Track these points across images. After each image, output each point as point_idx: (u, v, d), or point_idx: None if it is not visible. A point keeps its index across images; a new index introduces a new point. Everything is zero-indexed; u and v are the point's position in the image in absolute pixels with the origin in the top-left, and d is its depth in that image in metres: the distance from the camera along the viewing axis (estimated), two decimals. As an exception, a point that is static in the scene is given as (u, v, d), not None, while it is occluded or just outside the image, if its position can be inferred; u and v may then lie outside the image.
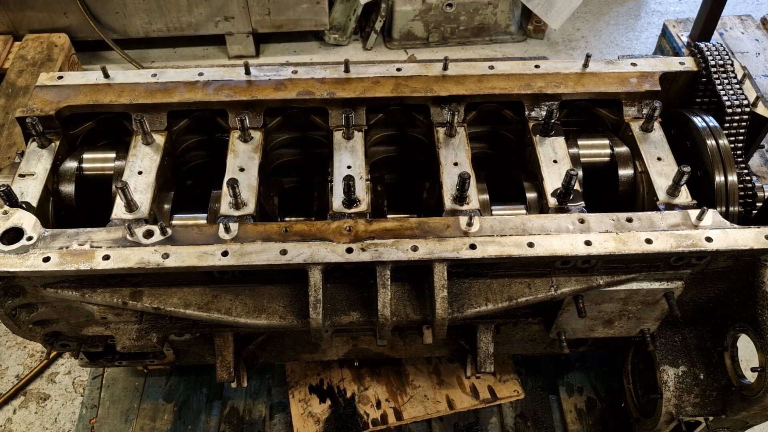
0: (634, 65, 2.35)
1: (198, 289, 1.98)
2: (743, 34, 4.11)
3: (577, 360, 2.86)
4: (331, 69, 2.33)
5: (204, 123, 2.35)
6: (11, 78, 4.04)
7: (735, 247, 1.85)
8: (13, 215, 1.90)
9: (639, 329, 2.21)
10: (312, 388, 2.75)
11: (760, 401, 1.96)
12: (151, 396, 2.78)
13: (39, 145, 2.16)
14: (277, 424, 2.71)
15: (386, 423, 2.64)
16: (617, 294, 2.02)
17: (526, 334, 2.37)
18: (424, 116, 2.30)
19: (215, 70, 2.32)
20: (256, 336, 2.33)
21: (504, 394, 2.71)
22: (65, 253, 1.83)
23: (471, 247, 1.85)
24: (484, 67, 2.34)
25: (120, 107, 2.24)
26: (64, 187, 2.19)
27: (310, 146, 2.46)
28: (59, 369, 3.09)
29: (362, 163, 2.14)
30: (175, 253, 1.84)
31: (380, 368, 2.78)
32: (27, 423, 2.93)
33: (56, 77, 2.30)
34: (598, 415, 2.72)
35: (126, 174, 2.12)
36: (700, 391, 2.20)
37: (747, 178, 2.18)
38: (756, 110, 2.24)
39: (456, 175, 2.03)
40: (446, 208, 2.03)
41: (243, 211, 2.01)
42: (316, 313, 1.85)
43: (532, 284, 1.98)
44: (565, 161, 2.15)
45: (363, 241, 1.87)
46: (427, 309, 1.95)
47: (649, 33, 5.05)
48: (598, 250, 1.85)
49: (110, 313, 2.05)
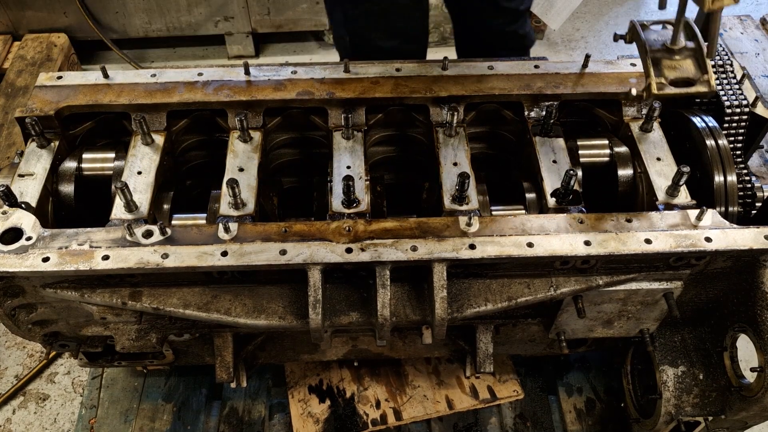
0: (633, 65, 2.35)
1: (197, 289, 1.98)
2: (743, 35, 4.12)
3: (576, 360, 2.86)
4: (330, 69, 2.33)
5: (203, 123, 2.35)
6: (10, 78, 4.04)
7: (734, 248, 1.85)
8: (13, 215, 1.90)
9: (638, 329, 2.21)
10: (311, 388, 2.75)
11: (759, 401, 1.96)
12: (150, 396, 2.78)
13: (38, 145, 2.16)
14: (276, 425, 2.71)
15: (386, 423, 2.64)
16: (616, 294, 2.02)
17: (525, 335, 2.37)
18: (424, 116, 2.30)
19: (215, 70, 2.32)
20: (256, 336, 2.33)
21: (503, 395, 2.72)
22: (64, 253, 1.83)
23: (470, 247, 1.85)
24: (484, 67, 2.34)
25: (119, 107, 2.24)
26: (63, 187, 2.19)
27: (310, 146, 2.46)
28: (58, 369, 3.09)
29: (362, 164, 2.14)
30: (174, 253, 1.84)
31: (380, 368, 2.78)
32: (26, 423, 2.92)
33: (55, 77, 2.30)
34: (597, 415, 2.72)
35: (125, 174, 2.12)
36: (699, 392, 2.21)
37: (746, 178, 2.18)
38: (755, 110, 2.24)
39: (455, 175, 2.03)
40: (446, 208, 2.03)
41: (242, 211, 2.01)
42: (315, 314, 1.85)
43: (532, 284, 1.98)
44: (565, 161, 2.15)
45: (362, 241, 1.87)
46: (427, 309, 1.95)
47: (648, 33, 5.06)
48: (597, 250, 1.85)
49: (109, 313, 2.05)
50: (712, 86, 1.80)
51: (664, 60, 1.86)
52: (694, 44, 1.87)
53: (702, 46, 1.86)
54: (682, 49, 1.86)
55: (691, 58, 1.86)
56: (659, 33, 1.92)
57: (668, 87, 1.79)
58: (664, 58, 1.86)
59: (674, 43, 1.87)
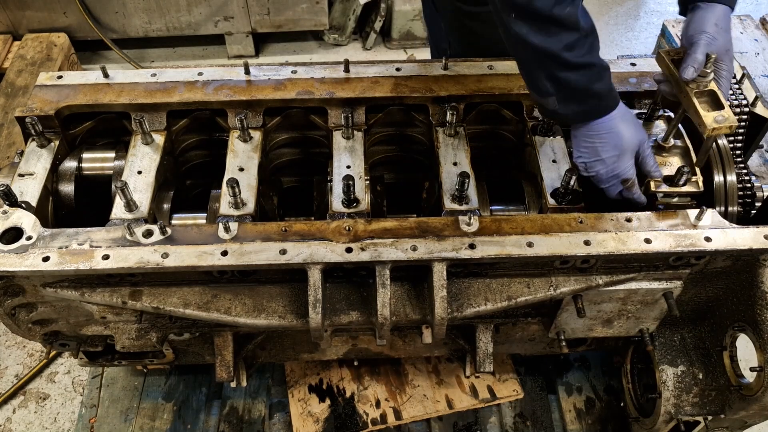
0: (633, 65, 2.35)
1: (197, 288, 1.99)
2: (742, 34, 4.11)
3: (576, 359, 2.87)
4: (330, 69, 2.33)
5: (203, 123, 2.35)
6: (11, 77, 4.04)
7: (734, 247, 1.85)
8: (13, 215, 1.91)
9: (638, 329, 2.21)
10: (311, 387, 2.75)
11: (758, 401, 1.96)
12: (150, 395, 2.78)
13: (38, 144, 2.16)
14: (276, 424, 2.71)
15: (385, 422, 2.65)
16: (616, 294, 2.02)
17: (525, 334, 2.37)
18: (424, 116, 2.31)
19: (215, 70, 2.32)
20: (256, 335, 2.33)
21: (503, 394, 2.72)
22: (65, 253, 1.83)
23: (470, 247, 1.85)
24: (484, 66, 2.34)
25: (119, 107, 2.24)
26: (63, 187, 2.19)
27: (310, 146, 2.46)
28: (59, 368, 3.09)
29: (362, 163, 2.14)
30: (174, 253, 1.84)
31: (380, 368, 2.78)
32: (26, 422, 2.93)
33: (55, 77, 2.30)
34: (597, 414, 2.73)
35: (125, 173, 2.12)
36: (699, 391, 2.21)
37: (746, 177, 2.18)
38: (755, 110, 2.24)
39: (455, 174, 2.03)
40: (446, 207, 2.03)
41: (242, 210, 2.01)
42: (315, 313, 1.85)
43: (532, 284, 1.98)
44: (565, 161, 2.15)
45: (362, 241, 1.87)
46: (427, 309, 1.95)
47: (648, 33, 5.06)
48: (597, 249, 1.85)
49: (110, 312, 2.05)
50: (700, 187, 2.00)
51: (656, 157, 2.05)
52: (681, 143, 2.09)
53: (689, 146, 2.07)
54: (671, 147, 2.08)
55: (680, 156, 2.08)
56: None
57: (663, 185, 2.01)
58: (656, 155, 2.06)
59: (665, 141, 2.08)
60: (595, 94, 1.83)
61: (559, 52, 1.73)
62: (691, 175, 2.01)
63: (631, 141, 1.90)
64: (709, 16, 1.85)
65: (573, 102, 1.83)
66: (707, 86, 1.87)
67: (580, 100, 1.83)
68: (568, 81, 1.78)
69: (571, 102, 1.83)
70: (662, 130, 2.13)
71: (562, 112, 1.86)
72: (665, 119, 2.17)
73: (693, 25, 1.87)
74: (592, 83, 1.80)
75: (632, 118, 1.94)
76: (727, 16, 1.87)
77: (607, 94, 1.85)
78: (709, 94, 1.87)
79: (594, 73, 1.80)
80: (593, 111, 1.87)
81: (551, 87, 1.81)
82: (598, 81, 1.81)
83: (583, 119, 1.89)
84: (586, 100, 1.83)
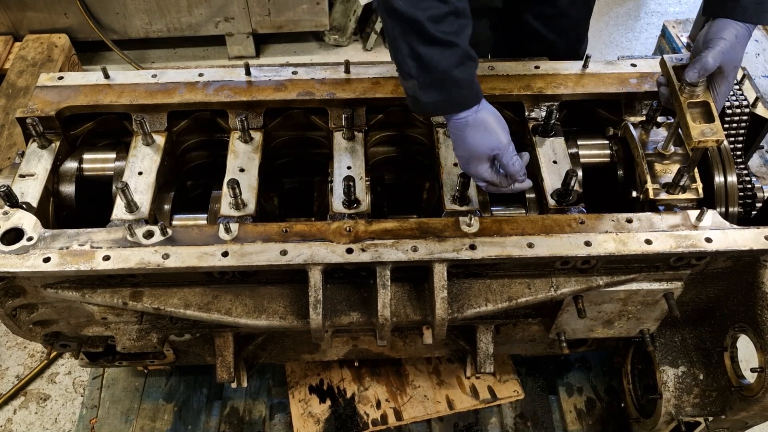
0: (633, 66, 2.35)
1: (198, 289, 1.99)
2: (743, 35, 4.11)
3: (576, 360, 2.87)
4: (331, 70, 2.33)
5: (204, 123, 2.35)
6: (11, 78, 4.04)
7: (735, 248, 1.85)
8: (14, 216, 1.91)
9: (639, 329, 2.21)
10: (312, 388, 2.75)
11: (759, 401, 1.96)
12: (151, 396, 2.79)
13: (39, 145, 2.16)
14: (277, 424, 2.71)
15: (386, 423, 2.65)
16: (617, 294, 2.02)
17: (525, 335, 2.37)
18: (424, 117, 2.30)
19: (215, 71, 2.32)
20: (256, 336, 2.34)
21: (504, 395, 2.72)
22: (65, 254, 1.83)
23: (471, 248, 1.85)
24: (484, 67, 2.34)
25: (120, 108, 2.25)
26: (64, 188, 2.19)
27: (310, 147, 2.46)
28: (59, 369, 3.09)
29: (362, 164, 2.15)
30: (175, 254, 1.84)
31: (380, 368, 2.78)
32: (27, 423, 2.93)
33: (56, 78, 2.30)
34: (597, 415, 2.73)
35: (126, 174, 2.12)
36: (699, 392, 2.21)
37: (747, 178, 2.18)
38: (755, 111, 2.24)
39: (456, 175, 2.03)
40: (446, 208, 2.03)
41: (243, 211, 2.02)
42: (316, 314, 1.86)
43: (532, 285, 1.98)
44: (565, 162, 2.15)
45: (363, 242, 1.87)
46: (427, 309, 1.95)
47: (648, 34, 5.05)
48: (597, 250, 1.85)
49: (110, 313, 2.06)
50: (700, 194, 2.01)
51: (656, 164, 2.08)
52: (681, 150, 2.10)
53: (689, 154, 2.06)
54: (671, 154, 2.09)
55: (680, 163, 2.08)
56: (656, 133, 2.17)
57: (663, 193, 2.01)
58: (656, 162, 2.08)
59: (665, 148, 2.09)
60: (456, 81, 1.74)
61: (424, 21, 1.66)
62: (691, 182, 2.01)
63: (479, 149, 1.83)
64: (733, 25, 1.83)
65: (433, 89, 1.76)
66: (700, 96, 1.86)
67: (439, 86, 1.75)
68: (430, 59, 1.70)
69: (431, 89, 1.76)
70: (663, 137, 2.13)
71: (423, 100, 1.79)
72: (667, 127, 2.17)
73: (714, 29, 1.85)
74: (453, 67, 1.72)
75: (487, 124, 1.82)
76: (748, 34, 1.86)
77: (468, 86, 1.77)
78: (702, 106, 1.87)
79: (457, 55, 1.72)
80: (453, 103, 1.80)
81: (413, 67, 1.74)
82: (460, 66, 1.73)
83: (442, 111, 1.85)
84: (445, 86, 1.75)
